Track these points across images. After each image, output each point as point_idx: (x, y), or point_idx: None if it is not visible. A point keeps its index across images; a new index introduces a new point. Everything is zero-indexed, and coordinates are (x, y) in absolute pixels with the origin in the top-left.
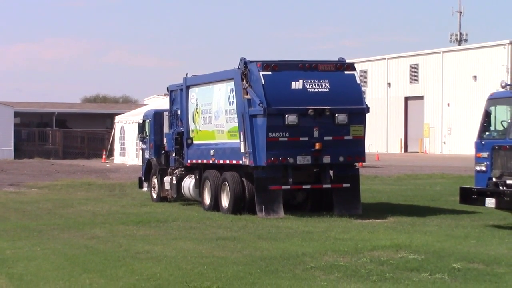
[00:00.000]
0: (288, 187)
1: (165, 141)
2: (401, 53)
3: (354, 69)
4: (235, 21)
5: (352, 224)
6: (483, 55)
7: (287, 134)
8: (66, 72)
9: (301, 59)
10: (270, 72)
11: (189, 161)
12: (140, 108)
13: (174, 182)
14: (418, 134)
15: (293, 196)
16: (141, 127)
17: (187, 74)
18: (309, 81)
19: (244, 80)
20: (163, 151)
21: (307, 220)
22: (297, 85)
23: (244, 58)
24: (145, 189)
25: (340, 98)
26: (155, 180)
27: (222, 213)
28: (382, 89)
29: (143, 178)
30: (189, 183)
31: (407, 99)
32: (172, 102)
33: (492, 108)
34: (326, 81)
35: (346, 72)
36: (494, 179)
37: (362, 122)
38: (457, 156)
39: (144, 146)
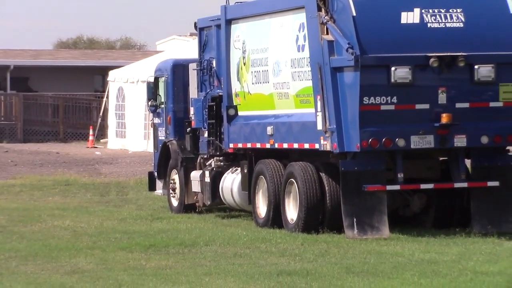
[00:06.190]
0: (397, 187)
1: (191, 112)
2: None
3: None
4: None
5: (503, 248)
6: None
7: (394, 100)
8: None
9: None
10: None
11: (231, 145)
12: (150, 58)
13: (208, 180)
14: None
15: (405, 202)
16: (152, 89)
17: (227, 1)
18: (430, 11)
19: (323, 10)
20: (188, 129)
21: (428, 241)
22: (410, 17)
23: None
24: (159, 191)
25: (482, 39)
26: (175, 176)
27: (286, 231)
28: None
29: (156, 174)
30: (231, 182)
31: None
32: (203, 48)
33: None
34: (458, 10)
35: None
36: None
37: None
38: None
39: (157, 120)
